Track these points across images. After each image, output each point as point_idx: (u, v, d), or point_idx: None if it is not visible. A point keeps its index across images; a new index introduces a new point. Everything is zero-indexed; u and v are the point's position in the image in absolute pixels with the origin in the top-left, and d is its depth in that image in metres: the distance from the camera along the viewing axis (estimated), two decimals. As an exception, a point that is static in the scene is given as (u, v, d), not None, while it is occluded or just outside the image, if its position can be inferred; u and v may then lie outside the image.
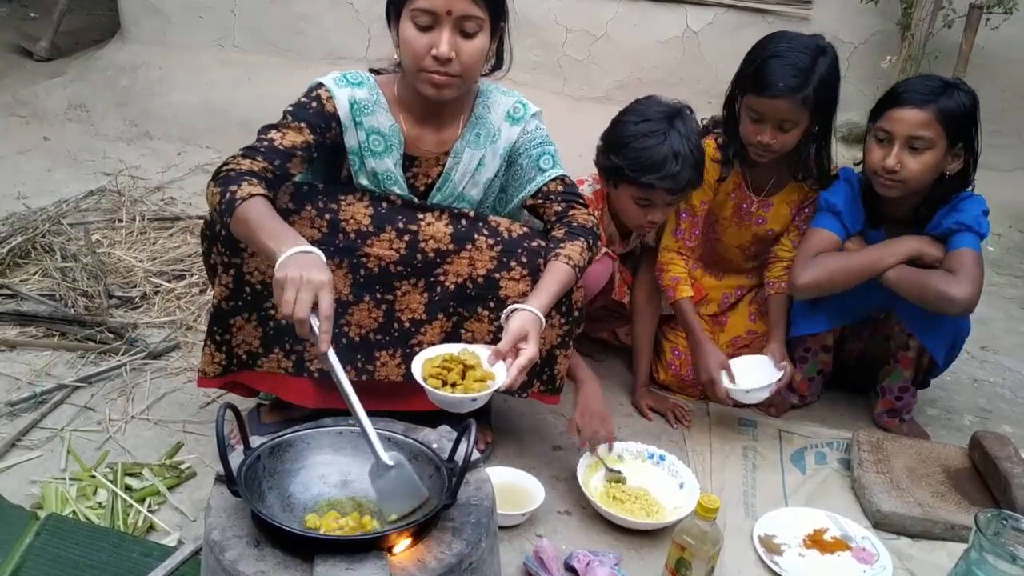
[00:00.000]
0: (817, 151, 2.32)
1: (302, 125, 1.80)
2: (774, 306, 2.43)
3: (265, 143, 1.75)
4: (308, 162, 1.83)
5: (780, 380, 2.25)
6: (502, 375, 1.63)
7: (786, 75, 2.12)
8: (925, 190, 2.19)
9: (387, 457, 1.37)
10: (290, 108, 1.83)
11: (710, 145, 2.34)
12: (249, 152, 1.73)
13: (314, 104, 1.83)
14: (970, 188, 2.23)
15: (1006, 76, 4.38)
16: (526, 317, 1.69)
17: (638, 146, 2.12)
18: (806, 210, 2.41)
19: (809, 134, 2.26)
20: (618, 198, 2.24)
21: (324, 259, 1.51)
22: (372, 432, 1.39)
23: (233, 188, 1.62)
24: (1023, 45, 4.39)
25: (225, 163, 1.71)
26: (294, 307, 1.41)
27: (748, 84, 2.20)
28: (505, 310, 1.74)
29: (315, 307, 1.43)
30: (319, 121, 1.82)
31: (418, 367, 1.64)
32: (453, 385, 1.61)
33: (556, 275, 1.79)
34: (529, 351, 1.65)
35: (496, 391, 1.61)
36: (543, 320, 1.71)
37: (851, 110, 4.58)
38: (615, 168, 2.18)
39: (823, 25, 4.14)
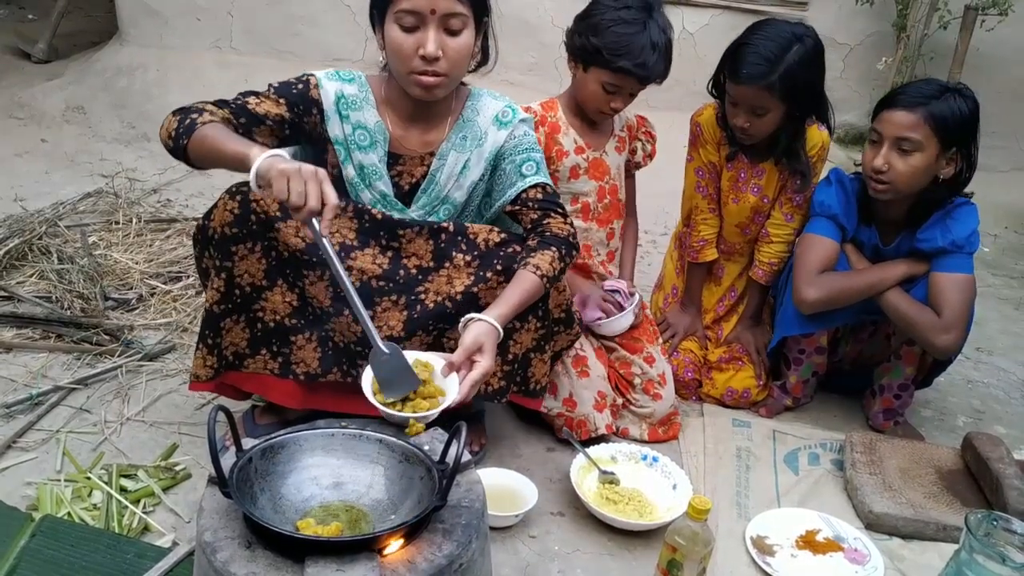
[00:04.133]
0: (792, 137, 2.36)
1: (281, 100, 1.84)
2: (751, 287, 2.60)
3: (238, 101, 1.80)
4: (276, 137, 1.85)
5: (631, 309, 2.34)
6: (454, 390, 1.61)
7: (751, 63, 2.20)
8: (917, 193, 2.20)
9: (383, 345, 1.52)
10: (275, 84, 1.87)
11: (710, 110, 2.46)
12: (220, 103, 1.78)
13: (299, 86, 1.87)
14: (968, 193, 2.26)
15: (1001, 77, 4.40)
16: (482, 328, 1.69)
17: (618, 31, 2.12)
18: (798, 182, 2.43)
19: (791, 119, 2.32)
20: (585, 82, 2.22)
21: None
22: (368, 322, 1.54)
23: (195, 116, 1.68)
24: (1018, 46, 4.41)
25: (190, 104, 1.75)
26: (306, 198, 1.44)
27: (726, 69, 2.30)
28: (463, 319, 1.73)
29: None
30: (299, 101, 1.86)
31: (368, 382, 1.61)
32: (404, 401, 1.57)
33: (520, 285, 1.79)
34: (483, 364, 1.65)
35: (447, 408, 1.59)
36: (500, 331, 1.71)
37: (847, 111, 4.60)
38: (591, 51, 2.16)
39: (818, 27, 4.10)
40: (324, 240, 1.47)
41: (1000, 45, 4.33)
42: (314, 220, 1.47)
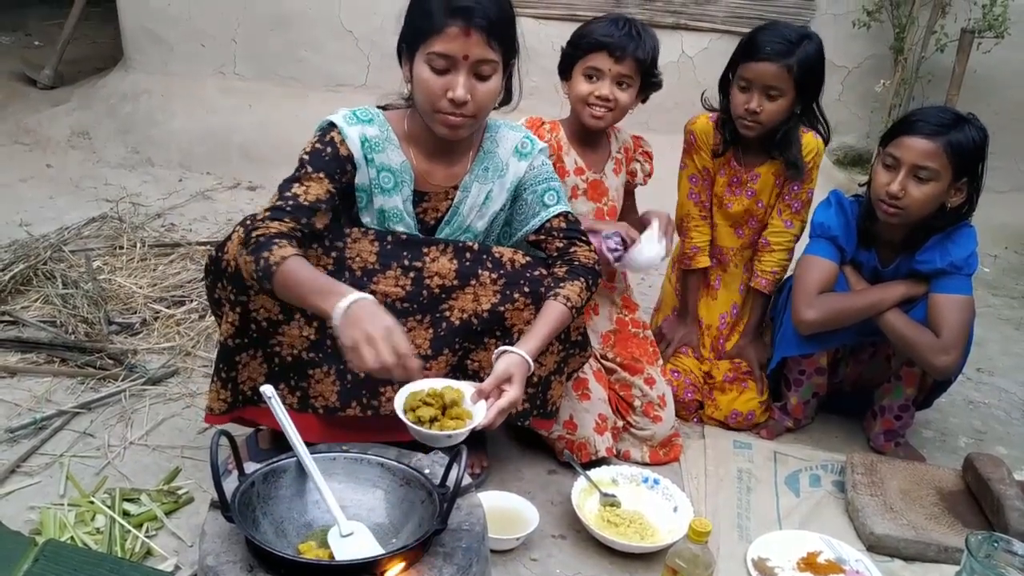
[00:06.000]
0: (787, 133, 2.42)
1: (321, 175, 1.80)
2: (753, 299, 2.61)
3: (291, 202, 1.75)
4: (332, 211, 1.83)
5: None
6: (481, 414, 1.66)
7: (774, 41, 2.30)
8: (923, 219, 2.22)
9: (347, 525, 1.38)
10: (306, 155, 1.83)
11: (704, 118, 2.54)
12: (276, 213, 1.73)
13: (328, 149, 1.83)
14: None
15: (998, 99, 4.42)
16: (513, 360, 1.72)
17: (588, 24, 2.26)
18: (795, 187, 2.49)
19: (791, 114, 2.39)
20: (572, 89, 2.28)
21: (375, 301, 1.56)
22: (332, 500, 1.41)
23: (265, 254, 1.63)
24: (1015, 68, 4.44)
25: (254, 227, 1.71)
26: (380, 361, 1.49)
27: (740, 55, 2.37)
28: (496, 350, 1.77)
29: None
30: (336, 167, 1.83)
31: (400, 401, 1.66)
32: (432, 420, 1.62)
33: (551, 317, 1.82)
34: (512, 394, 1.68)
35: (473, 430, 1.63)
36: (531, 364, 1.74)
37: (846, 133, 4.63)
38: (568, 52, 2.27)
39: (816, 50, 4.19)
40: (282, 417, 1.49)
41: (997, 67, 4.36)
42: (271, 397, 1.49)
